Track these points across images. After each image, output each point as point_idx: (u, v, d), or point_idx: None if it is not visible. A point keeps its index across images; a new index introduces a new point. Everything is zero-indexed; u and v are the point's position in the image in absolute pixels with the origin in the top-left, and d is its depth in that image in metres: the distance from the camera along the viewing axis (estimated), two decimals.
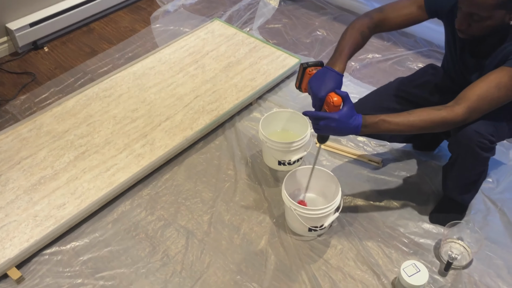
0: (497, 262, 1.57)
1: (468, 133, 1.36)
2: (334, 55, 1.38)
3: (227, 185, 1.83)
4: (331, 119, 1.25)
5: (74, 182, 1.76)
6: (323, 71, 1.33)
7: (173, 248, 1.62)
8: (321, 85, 1.30)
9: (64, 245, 1.63)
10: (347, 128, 1.27)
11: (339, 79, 1.32)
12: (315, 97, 1.31)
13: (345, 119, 1.26)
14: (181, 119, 2.01)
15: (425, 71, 1.71)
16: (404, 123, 1.29)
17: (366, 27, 1.44)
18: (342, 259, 1.58)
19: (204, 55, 2.37)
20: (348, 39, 1.40)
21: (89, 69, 2.41)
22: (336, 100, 1.26)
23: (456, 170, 1.51)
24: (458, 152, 1.44)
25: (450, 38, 1.51)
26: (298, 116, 1.88)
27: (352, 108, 1.28)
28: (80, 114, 2.05)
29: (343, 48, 1.38)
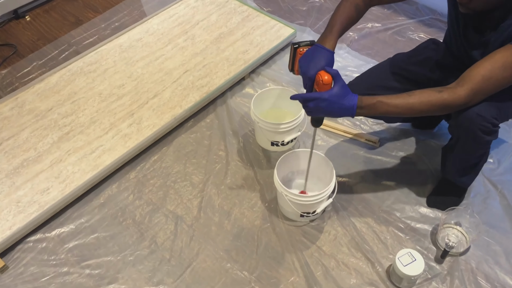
0: (495, 248, 1.52)
1: (470, 116, 1.28)
2: (325, 31, 1.28)
3: (218, 166, 1.76)
4: (320, 99, 1.16)
5: (58, 165, 1.69)
6: (313, 49, 1.24)
7: (161, 234, 1.57)
8: (310, 63, 1.22)
9: (49, 232, 1.58)
10: (340, 108, 1.18)
11: (329, 56, 1.23)
12: (304, 76, 1.23)
13: (336, 99, 1.17)
14: (169, 96, 1.92)
15: (425, 46, 1.61)
16: (403, 105, 1.21)
17: (361, 0, 1.33)
18: (336, 246, 1.54)
19: (194, 25, 2.25)
20: (341, 13, 1.30)
21: (74, 41, 2.29)
22: (326, 79, 1.18)
23: (456, 153, 1.44)
24: (459, 135, 1.36)
25: (452, 12, 1.40)
26: (291, 93, 1.78)
27: (345, 87, 1.19)
28: (64, 91, 1.95)
29: (334, 23, 1.28)
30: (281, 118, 1.84)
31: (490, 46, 1.27)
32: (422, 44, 1.63)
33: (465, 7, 1.21)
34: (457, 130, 1.35)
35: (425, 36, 2.27)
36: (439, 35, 2.28)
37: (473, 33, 1.34)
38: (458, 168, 1.50)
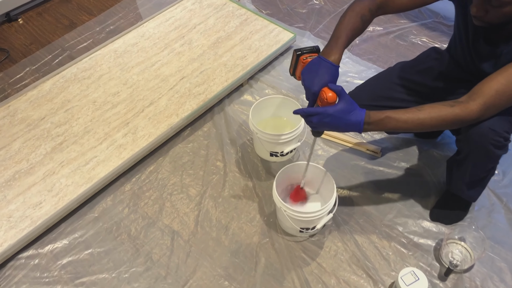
0: (500, 265, 1.48)
1: (482, 131, 1.23)
2: (330, 43, 1.23)
3: (215, 178, 1.71)
4: (324, 115, 1.13)
5: (51, 177, 1.64)
6: (317, 62, 1.19)
7: (157, 250, 1.52)
8: (314, 78, 1.17)
9: (42, 248, 1.53)
10: (346, 124, 1.14)
11: (334, 71, 1.18)
12: (308, 90, 1.18)
13: (341, 115, 1.13)
14: (165, 104, 1.87)
15: (428, 55, 1.56)
16: (413, 121, 1.16)
17: (367, 9, 1.27)
18: (337, 262, 1.49)
19: (191, 29, 2.19)
20: (347, 24, 1.24)
21: (68, 45, 2.23)
22: (330, 96, 1.14)
23: (465, 167, 1.39)
24: (469, 149, 1.31)
25: (461, 22, 1.35)
26: (292, 102, 1.74)
27: (351, 103, 1.15)
28: (57, 98, 1.90)
29: (339, 35, 1.22)
30: (280, 128, 1.80)
31: (502, 59, 1.23)
32: (424, 53, 1.58)
33: (480, 20, 1.16)
34: (467, 144, 1.30)
35: (427, 41, 2.22)
36: (442, 39, 2.22)
37: (484, 44, 1.28)
38: (467, 182, 1.45)
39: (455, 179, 1.48)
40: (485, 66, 1.30)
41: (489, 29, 1.25)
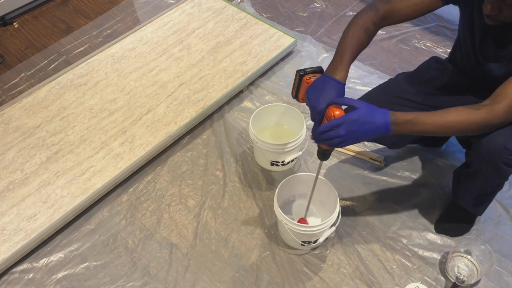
0: (507, 279, 1.45)
1: (496, 149, 1.19)
2: (335, 59, 1.18)
3: (215, 188, 1.67)
4: (350, 122, 1.07)
5: (46, 188, 1.60)
6: (322, 80, 1.15)
7: (155, 264, 1.48)
8: (320, 96, 1.12)
9: (36, 261, 1.49)
10: (374, 127, 1.08)
11: (340, 89, 1.14)
12: (313, 110, 1.13)
13: (366, 117, 1.08)
14: (164, 111, 1.82)
15: (429, 66, 1.51)
16: (440, 124, 1.12)
17: (371, 22, 1.23)
18: (340, 276, 1.45)
19: (190, 33, 2.15)
20: (351, 39, 1.20)
21: (64, 49, 2.18)
22: (338, 114, 1.09)
23: (473, 182, 1.34)
24: (479, 165, 1.27)
25: (466, 25, 1.30)
26: (293, 110, 1.70)
27: (368, 104, 1.10)
28: (53, 106, 1.85)
29: (344, 51, 1.18)
30: (281, 136, 1.76)
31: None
32: (425, 63, 1.54)
33: (492, 19, 1.11)
34: (478, 160, 1.26)
35: (431, 45, 2.18)
36: (446, 43, 2.18)
37: (493, 46, 1.23)
38: (474, 196, 1.41)
39: (462, 192, 1.43)
40: (494, 68, 1.25)
41: (499, 30, 1.20)
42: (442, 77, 1.44)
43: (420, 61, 2.07)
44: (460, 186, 1.43)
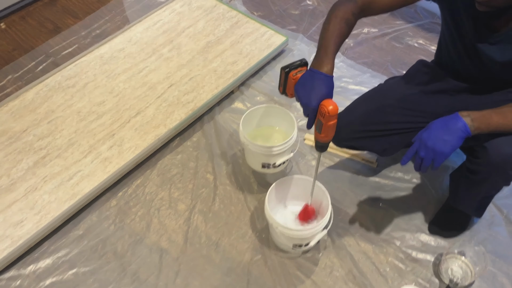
0: (501, 280, 1.43)
1: (506, 155, 1.15)
2: (319, 53, 1.15)
3: (205, 191, 1.65)
4: (425, 140, 1.11)
5: (33, 193, 1.57)
6: (309, 76, 1.12)
7: (144, 269, 1.46)
8: (311, 93, 1.09)
9: (24, 268, 1.46)
10: (451, 129, 1.09)
11: (329, 82, 1.11)
12: (306, 108, 1.11)
13: (439, 123, 1.11)
14: (153, 113, 1.80)
15: (417, 70, 1.48)
16: None
17: (350, 13, 1.20)
18: (332, 279, 1.43)
19: (180, 33, 2.12)
20: (333, 31, 1.17)
21: (52, 50, 2.15)
22: (332, 109, 1.06)
23: (479, 188, 1.31)
24: (488, 173, 1.23)
25: (451, 21, 1.25)
26: (284, 112, 1.67)
27: (438, 119, 1.13)
28: (41, 109, 1.82)
29: (328, 44, 1.15)
30: (272, 138, 1.73)
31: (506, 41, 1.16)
32: (413, 67, 1.50)
33: (485, 5, 1.08)
34: (487, 168, 1.22)
35: (424, 43, 2.15)
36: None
37: (488, 32, 1.19)
38: (475, 201, 1.38)
39: (464, 197, 1.40)
40: (497, 55, 1.20)
41: (491, 16, 1.16)
42: (431, 81, 1.41)
43: (413, 59, 2.06)
44: (461, 192, 1.40)
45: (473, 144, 1.21)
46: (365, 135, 1.40)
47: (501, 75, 1.25)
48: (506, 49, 1.16)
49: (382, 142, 1.42)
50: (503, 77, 1.26)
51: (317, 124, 1.11)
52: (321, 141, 1.14)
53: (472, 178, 1.30)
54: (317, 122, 1.11)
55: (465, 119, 1.09)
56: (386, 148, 1.42)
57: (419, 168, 1.16)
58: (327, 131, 1.10)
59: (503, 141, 1.16)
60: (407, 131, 1.40)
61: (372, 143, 1.42)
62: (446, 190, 1.62)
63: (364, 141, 1.42)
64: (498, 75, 1.26)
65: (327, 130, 1.10)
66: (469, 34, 1.21)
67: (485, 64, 1.24)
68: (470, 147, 1.27)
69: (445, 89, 1.39)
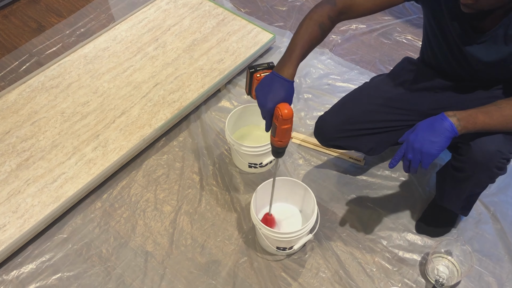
0: (488, 279, 1.43)
1: (490, 153, 1.15)
2: (284, 56, 1.13)
3: (191, 192, 1.63)
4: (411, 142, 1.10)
5: (16, 197, 1.55)
6: (270, 78, 1.11)
7: (129, 273, 1.44)
8: (268, 95, 1.08)
9: (6, 274, 1.45)
10: (437, 131, 1.08)
11: (288, 87, 1.09)
12: (262, 109, 1.10)
13: (424, 125, 1.10)
14: (138, 113, 1.77)
15: (402, 68, 1.46)
16: (497, 117, 1.10)
17: (326, 17, 1.17)
18: (318, 281, 1.43)
19: (165, 31, 2.09)
20: (303, 35, 1.15)
21: (36, 50, 2.12)
22: (286, 113, 1.06)
23: (464, 186, 1.30)
24: (472, 170, 1.22)
25: (435, 23, 1.23)
26: None
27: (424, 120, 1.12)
28: (24, 110, 1.79)
29: (294, 48, 1.13)
30: (259, 137, 1.72)
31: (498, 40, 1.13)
32: (398, 65, 1.49)
33: (469, 7, 1.06)
34: (471, 165, 1.21)
35: (412, 38, 2.14)
36: None
37: (474, 34, 1.17)
38: (462, 199, 1.38)
39: (449, 195, 1.39)
40: (483, 55, 1.18)
41: (476, 17, 1.14)
42: (416, 77, 1.40)
43: (401, 55, 2.04)
44: (447, 190, 1.39)
45: (458, 141, 1.21)
46: (351, 134, 1.38)
47: (487, 74, 1.24)
48: (492, 49, 1.15)
49: (368, 141, 1.40)
50: (489, 77, 1.25)
51: (272, 127, 1.10)
52: (276, 145, 1.13)
53: (456, 176, 1.29)
54: (272, 126, 1.10)
55: (451, 119, 1.08)
56: (373, 147, 1.41)
57: (408, 170, 1.15)
58: (281, 135, 1.09)
59: (487, 139, 1.15)
60: (393, 130, 1.39)
61: (358, 142, 1.41)
62: (433, 188, 1.61)
63: (349, 141, 1.41)
64: (483, 75, 1.24)
65: (280, 134, 1.09)
66: (454, 36, 1.20)
67: (471, 64, 1.22)
68: (455, 144, 1.26)
69: (430, 87, 1.37)
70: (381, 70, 2.01)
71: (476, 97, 1.30)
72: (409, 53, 2.08)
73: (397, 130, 1.39)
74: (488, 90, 1.29)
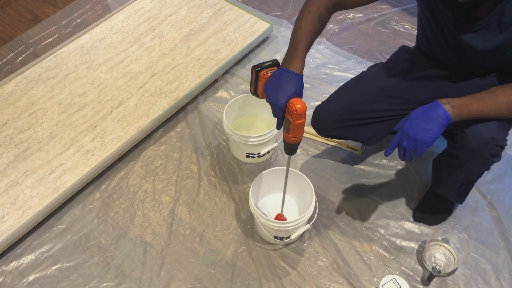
0: (484, 266, 1.44)
1: (483, 139, 1.16)
2: (289, 51, 1.13)
3: (190, 183, 1.63)
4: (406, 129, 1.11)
5: (15, 188, 1.55)
6: (279, 74, 1.10)
7: (129, 263, 1.45)
8: (279, 91, 1.08)
9: (6, 265, 1.45)
10: (431, 119, 1.09)
11: (298, 81, 1.09)
12: (274, 106, 1.09)
13: (418, 113, 1.11)
14: (135, 104, 1.77)
15: (399, 57, 1.46)
16: (491, 104, 1.11)
17: (324, 8, 1.17)
18: (316, 269, 1.44)
19: (162, 21, 2.08)
20: (304, 28, 1.14)
21: (32, 41, 2.10)
22: (300, 108, 1.05)
23: (458, 173, 1.31)
24: (466, 157, 1.23)
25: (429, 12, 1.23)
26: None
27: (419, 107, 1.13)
28: (20, 101, 1.79)
29: (298, 41, 1.13)
30: (256, 127, 1.72)
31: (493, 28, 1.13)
32: (395, 54, 1.49)
33: None
34: (465, 152, 1.22)
35: (409, 27, 2.13)
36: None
37: (468, 22, 1.17)
38: (457, 187, 1.38)
39: (445, 183, 1.40)
40: (478, 43, 1.18)
41: (470, 6, 1.14)
42: (412, 68, 1.40)
43: (399, 44, 2.04)
44: (442, 177, 1.40)
45: (452, 128, 1.21)
46: (348, 124, 1.39)
47: (482, 62, 1.24)
48: (486, 37, 1.15)
49: (365, 131, 1.41)
50: (484, 65, 1.25)
51: (285, 124, 1.10)
52: (289, 142, 1.12)
53: (452, 163, 1.30)
54: (285, 122, 1.09)
55: (445, 106, 1.09)
56: (370, 136, 1.41)
57: (403, 158, 1.15)
58: (295, 131, 1.08)
59: (481, 126, 1.16)
60: (390, 119, 1.39)
61: (355, 132, 1.41)
62: (430, 176, 1.61)
63: (347, 131, 1.41)
64: (478, 63, 1.24)
65: (295, 130, 1.08)
66: (448, 25, 1.20)
67: (466, 53, 1.22)
68: (450, 131, 1.27)
69: (426, 76, 1.37)
70: (379, 59, 2.01)
71: (472, 85, 1.30)
72: (407, 41, 2.07)
73: (394, 119, 1.39)
74: (483, 78, 1.29)
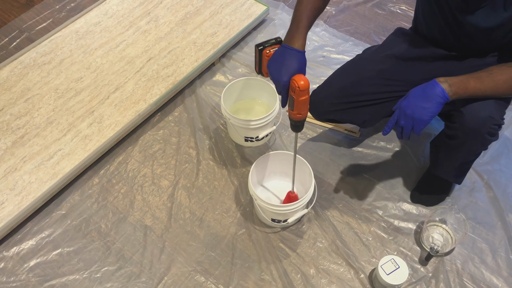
0: (481, 246, 1.46)
1: (482, 119, 1.16)
2: (291, 28, 1.13)
3: (188, 167, 1.64)
4: (404, 108, 1.12)
5: (13, 174, 1.55)
6: (281, 51, 1.11)
7: (129, 247, 1.46)
8: (281, 68, 1.08)
9: (7, 250, 1.46)
10: (430, 96, 1.09)
11: (301, 57, 1.09)
12: (277, 84, 1.09)
13: (416, 91, 1.12)
14: (132, 88, 1.76)
15: (394, 39, 1.45)
16: (488, 83, 1.11)
17: None
18: (316, 251, 1.45)
19: (157, 4, 2.06)
20: (306, 4, 1.14)
21: (26, 26, 2.08)
22: (303, 84, 1.05)
23: (456, 153, 1.32)
24: (464, 137, 1.24)
25: None
26: (266, 84, 1.65)
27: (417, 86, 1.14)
28: (16, 87, 1.77)
29: (300, 18, 1.13)
30: (255, 111, 1.72)
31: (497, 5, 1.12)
32: (390, 36, 1.48)
33: None
34: (463, 131, 1.23)
35: (406, 9, 2.12)
36: None
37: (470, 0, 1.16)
38: (456, 167, 1.39)
39: (443, 164, 1.41)
40: (481, 21, 1.17)
41: None
42: (408, 49, 1.39)
43: (396, 25, 2.03)
44: (440, 158, 1.40)
45: (450, 109, 1.22)
46: (344, 107, 1.39)
47: (483, 41, 1.23)
48: (490, 15, 1.14)
49: (362, 114, 1.41)
50: (483, 44, 1.25)
51: (289, 101, 1.10)
52: (295, 118, 1.13)
53: (450, 143, 1.31)
54: (289, 99, 1.10)
55: (442, 85, 1.09)
56: (366, 119, 1.41)
57: (401, 136, 1.16)
58: (299, 108, 1.09)
59: (479, 105, 1.16)
60: (386, 101, 1.39)
61: (351, 115, 1.41)
62: (428, 158, 1.62)
63: (343, 114, 1.41)
64: (479, 42, 1.24)
65: (299, 107, 1.08)
66: (450, 4, 1.19)
67: (467, 31, 1.22)
68: (447, 112, 1.28)
69: (423, 56, 1.37)
70: (376, 41, 2.00)
71: (469, 65, 1.30)
72: (404, 23, 2.07)
73: (391, 101, 1.39)
74: (479, 59, 1.29)
